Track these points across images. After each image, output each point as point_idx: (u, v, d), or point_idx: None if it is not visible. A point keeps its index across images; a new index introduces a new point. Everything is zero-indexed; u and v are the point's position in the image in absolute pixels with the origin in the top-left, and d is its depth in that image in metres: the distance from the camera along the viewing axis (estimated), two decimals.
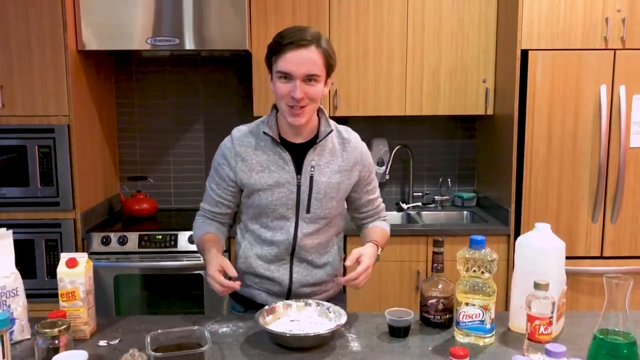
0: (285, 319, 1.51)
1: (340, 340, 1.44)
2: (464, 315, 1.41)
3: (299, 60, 1.49)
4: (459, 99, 3.04)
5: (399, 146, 3.25)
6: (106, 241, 2.73)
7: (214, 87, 3.35)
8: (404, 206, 3.29)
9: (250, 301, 1.71)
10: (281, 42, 1.50)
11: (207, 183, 1.72)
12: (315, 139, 1.63)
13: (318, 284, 1.70)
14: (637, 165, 2.71)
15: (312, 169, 1.61)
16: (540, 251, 1.45)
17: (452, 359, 1.18)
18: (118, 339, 1.45)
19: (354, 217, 1.82)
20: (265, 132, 1.60)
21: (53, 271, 2.65)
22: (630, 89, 2.66)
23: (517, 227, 2.79)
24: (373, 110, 3.03)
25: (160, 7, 2.72)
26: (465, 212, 3.26)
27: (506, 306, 2.63)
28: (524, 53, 2.69)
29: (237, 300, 1.74)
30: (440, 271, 1.52)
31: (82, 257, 1.47)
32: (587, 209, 2.74)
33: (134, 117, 3.35)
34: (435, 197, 3.36)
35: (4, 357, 1.21)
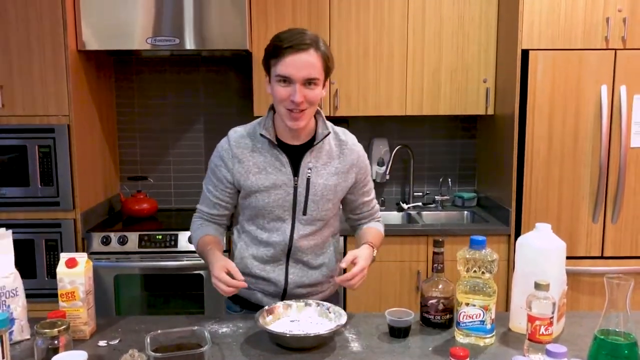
0: (285, 319, 1.51)
1: (341, 341, 1.44)
2: (464, 316, 1.41)
3: (298, 64, 1.48)
4: (460, 99, 3.04)
5: (399, 146, 3.25)
6: (106, 241, 2.73)
7: (214, 87, 3.34)
8: (405, 206, 3.29)
9: (246, 301, 1.71)
10: (280, 45, 1.49)
11: (204, 185, 1.72)
12: (312, 141, 1.63)
13: (314, 285, 1.70)
14: (638, 165, 2.71)
15: (309, 171, 1.61)
16: (541, 251, 1.45)
17: (453, 359, 1.18)
18: (118, 339, 1.45)
19: (349, 218, 1.82)
20: (262, 135, 1.60)
21: (53, 271, 2.65)
22: (631, 89, 2.66)
23: (518, 227, 2.79)
24: (373, 110, 3.02)
25: (161, 7, 2.72)
26: (465, 212, 3.26)
27: (506, 306, 2.63)
28: (525, 53, 2.69)
29: (233, 300, 1.74)
30: (440, 271, 1.51)
31: (81, 257, 1.47)
32: (587, 209, 2.74)
33: (134, 117, 3.35)
34: (435, 197, 3.36)
35: (3, 358, 1.21)
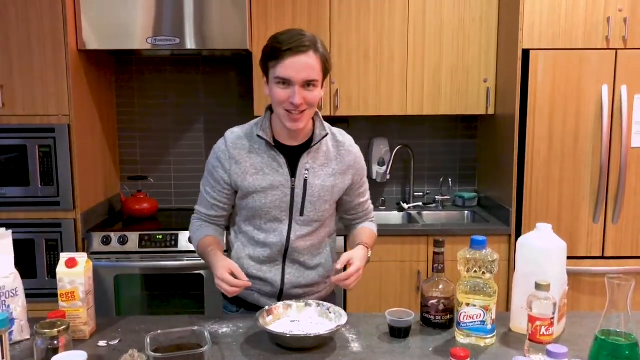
0: (286, 320, 1.51)
1: (341, 341, 1.44)
2: (464, 316, 1.41)
3: (297, 66, 1.48)
4: (460, 99, 3.03)
5: (399, 146, 3.24)
6: (106, 241, 2.73)
7: (215, 86, 3.34)
8: (405, 206, 3.28)
9: (243, 301, 1.71)
10: (279, 48, 1.48)
11: (201, 186, 1.71)
12: (309, 142, 1.63)
13: (310, 285, 1.70)
14: (639, 165, 2.70)
15: (307, 172, 1.61)
16: (542, 251, 1.45)
17: (453, 359, 1.17)
18: (118, 340, 1.45)
19: (343, 218, 1.83)
20: (260, 136, 1.59)
21: (53, 271, 2.65)
22: (631, 88, 2.65)
23: (518, 227, 2.79)
24: (374, 110, 3.02)
25: (161, 7, 2.72)
26: (466, 212, 3.26)
27: (507, 307, 2.63)
28: (525, 53, 2.68)
29: (230, 300, 1.74)
30: (441, 271, 1.51)
31: (81, 257, 1.47)
32: (588, 209, 2.73)
33: (135, 117, 3.34)
34: (436, 197, 3.35)
35: (3, 358, 1.21)
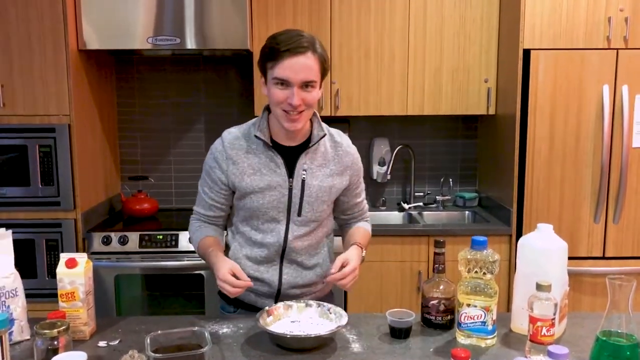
0: (286, 320, 1.51)
1: (341, 342, 1.44)
2: (465, 317, 1.40)
3: (296, 67, 1.47)
4: (461, 99, 3.03)
5: (400, 146, 3.24)
6: (107, 241, 2.73)
7: (215, 86, 3.34)
8: (406, 206, 3.28)
9: (240, 301, 1.70)
10: (278, 48, 1.48)
11: (199, 186, 1.71)
12: (307, 142, 1.63)
13: (307, 285, 1.70)
14: None
15: (304, 172, 1.61)
16: (543, 252, 1.45)
17: None
18: (118, 340, 1.45)
19: (339, 217, 1.83)
20: (257, 136, 1.59)
21: (54, 271, 2.63)
22: (633, 88, 2.65)
23: (519, 227, 2.78)
24: (374, 110, 3.02)
25: (162, 7, 2.72)
26: (466, 212, 3.26)
27: (508, 307, 2.63)
28: (526, 52, 2.68)
29: (227, 300, 1.73)
30: (441, 272, 1.51)
31: (81, 258, 1.47)
32: (589, 209, 2.73)
33: (135, 117, 3.34)
34: (436, 197, 3.35)
35: (3, 358, 1.21)
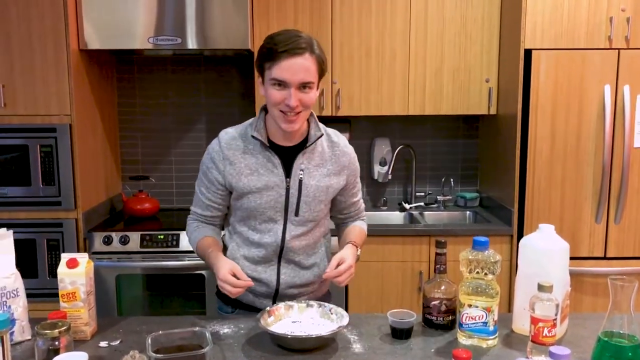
0: (287, 320, 1.51)
1: (342, 342, 1.44)
2: (466, 317, 1.40)
3: (294, 68, 1.47)
4: (462, 99, 3.03)
5: (401, 146, 3.24)
6: (108, 241, 2.73)
7: (216, 86, 3.34)
8: (407, 206, 3.28)
9: (238, 302, 1.70)
10: (276, 49, 1.47)
11: (196, 186, 1.71)
12: (304, 142, 1.62)
13: (305, 285, 1.70)
14: None
15: (301, 172, 1.61)
16: (544, 252, 1.44)
17: None
18: (119, 340, 1.45)
19: (335, 217, 1.83)
20: (254, 136, 1.59)
21: (55, 271, 2.63)
22: (634, 88, 2.64)
23: (520, 227, 2.78)
24: (375, 110, 3.02)
25: (163, 6, 2.72)
26: (467, 212, 3.25)
27: (509, 308, 2.63)
28: (528, 52, 2.68)
29: (225, 300, 1.73)
30: (443, 272, 1.51)
31: (82, 258, 1.47)
32: (590, 209, 2.73)
33: (136, 117, 3.34)
34: (437, 197, 3.35)
35: (4, 358, 1.21)
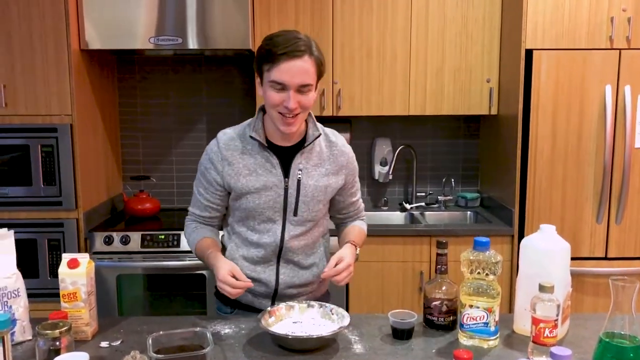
0: (288, 321, 1.51)
1: (343, 342, 1.44)
2: (468, 318, 1.40)
3: (293, 70, 1.47)
4: (463, 99, 3.03)
5: (402, 146, 3.24)
6: (109, 241, 2.73)
7: (217, 86, 3.34)
8: (407, 206, 3.28)
9: (237, 302, 1.70)
10: (275, 51, 1.47)
11: (194, 187, 1.71)
12: (302, 142, 1.62)
13: (304, 285, 1.70)
14: None
15: (300, 172, 1.61)
16: (545, 253, 1.44)
17: None
18: (120, 340, 1.45)
19: (335, 217, 1.83)
20: (252, 137, 1.59)
21: (56, 271, 2.64)
22: (635, 88, 2.64)
23: (521, 227, 2.78)
24: (376, 110, 3.01)
25: (164, 6, 2.72)
26: (468, 212, 3.25)
27: (510, 308, 2.62)
28: (529, 52, 2.67)
29: (223, 301, 1.73)
30: (444, 273, 1.51)
31: (83, 258, 1.47)
32: (591, 209, 2.72)
33: (137, 117, 3.34)
34: (438, 197, 3.35)
35: (5, 359, 1.21)
